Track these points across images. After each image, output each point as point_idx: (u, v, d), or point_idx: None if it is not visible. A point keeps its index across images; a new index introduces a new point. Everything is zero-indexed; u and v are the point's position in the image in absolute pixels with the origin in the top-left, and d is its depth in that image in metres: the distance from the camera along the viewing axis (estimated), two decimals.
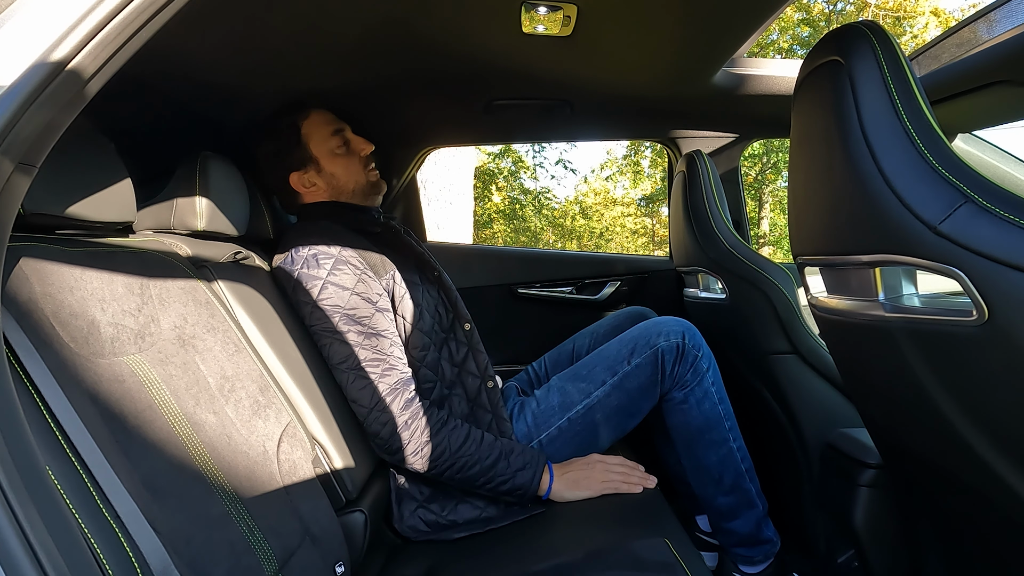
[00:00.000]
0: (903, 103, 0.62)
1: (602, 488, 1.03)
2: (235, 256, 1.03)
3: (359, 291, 1.02)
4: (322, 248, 1.04)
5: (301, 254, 1.05)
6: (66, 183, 0.67)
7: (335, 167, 1.18)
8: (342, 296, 1.01)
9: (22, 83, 0.51)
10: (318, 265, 1.03)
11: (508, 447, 1.03)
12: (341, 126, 1.20)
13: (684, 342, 1.11)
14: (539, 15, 1.02)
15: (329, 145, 1.17)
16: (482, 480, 1.00)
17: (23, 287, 0.59)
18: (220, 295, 0.92)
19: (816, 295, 0.87)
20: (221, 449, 0.70)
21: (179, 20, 0.57)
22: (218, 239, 1.02)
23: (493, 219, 11.85)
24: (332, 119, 1.20)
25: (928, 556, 0.95)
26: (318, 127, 1.17)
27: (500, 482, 1.00)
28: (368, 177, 1.21)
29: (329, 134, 1.17)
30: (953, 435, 0.66)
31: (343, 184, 1.18)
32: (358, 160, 1.20)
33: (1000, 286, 0.54)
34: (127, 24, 0.54)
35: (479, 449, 1.00)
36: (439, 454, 0.98)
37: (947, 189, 0.57)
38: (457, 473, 0.99)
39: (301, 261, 1.04)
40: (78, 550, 0.50)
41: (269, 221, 1.19)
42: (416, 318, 1.08)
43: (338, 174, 1.18)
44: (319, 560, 0.75)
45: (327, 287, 1.01)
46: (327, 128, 1.18)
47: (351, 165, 1.19)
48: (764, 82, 1.45)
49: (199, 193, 0.95)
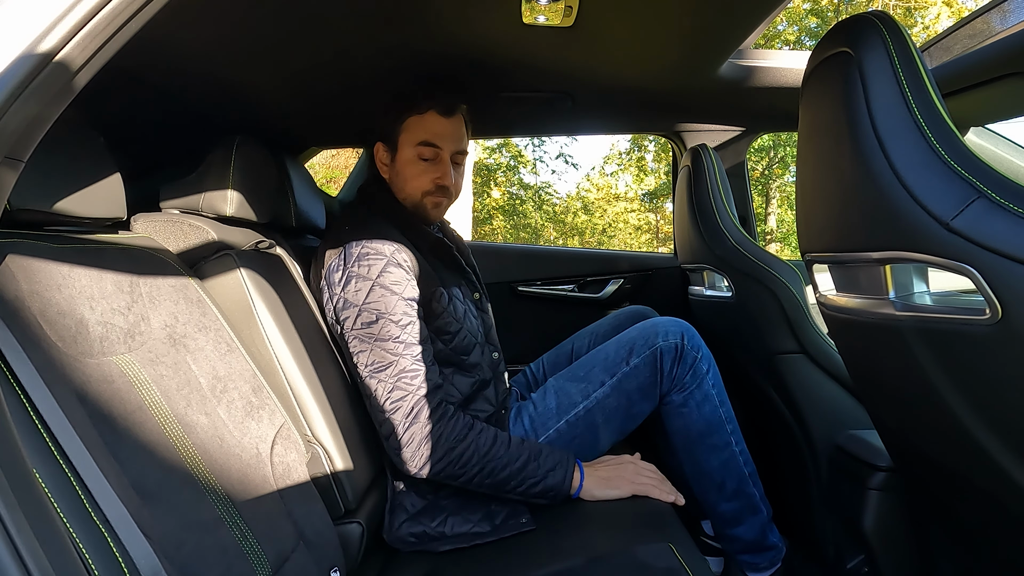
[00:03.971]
0: (914, 96, 0.60)
1: (632, 488, 1.00)
2: (257, 244, 1.03)
3: (408, 296, 1.00)
4: (376, 245, 1.01)
5: (353, 251, 1.01)
6: (54, 178, 0.66)
7: (405, 169, 1.13)
8: (390, 301, 0.98)
9: (8, 75, 0.50)
10: (369, 265, 0.99)
11: (536, 448, 1.00)
12: (439, 144, 1.12)
13: (683, 342, 1.10)
14: (540, 5, 1.00)
15: (413, 150, 1.13)
16: (513, 483, 0.97)
17: (9, 285, 0.58)
18: (243, 284, 0.92)
19: (825, 293, 0.86)
20: (213, 451, 0.68)
21: (169, 11, 0.56)
22: (243, 225, 1.03)
23: (492, 215, 11.83)
24: (440, 133, 1.12)
25: (940, 561, 0.94)
26: (419, 128, 1.12)
27: (531, 484, 0.98)
28: (424, 201, 1.14)
29: (418, 141, 1.12)
30: (965, 437, 0.64)
31: (400, 186, 1.14)
32: (429, 180, 1.12)
33: (1014, 284, 0.53)
34: (116, 15, 0.52)
35: (508, 452, 0.97)
36: (467, 459, 0.95)
37: (960, 184, 0.56)
38: (487, 478, 0.96)
39: (352, 259, 1.01)
40: (66, 555, 0.49)
41: (293, 210, 1.18)
42: (451, 334, 1.06)
43: (402, 176, 1.14)
44: (313, 565, 0.74)
45: (375, 289, 0.98)
46: (422, 135, 1.12)
47: (419, 180, 1.12)
48: (771, 74, 1.42)
49: (232, 179, 0.97)
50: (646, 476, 1.02)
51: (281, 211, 1.15)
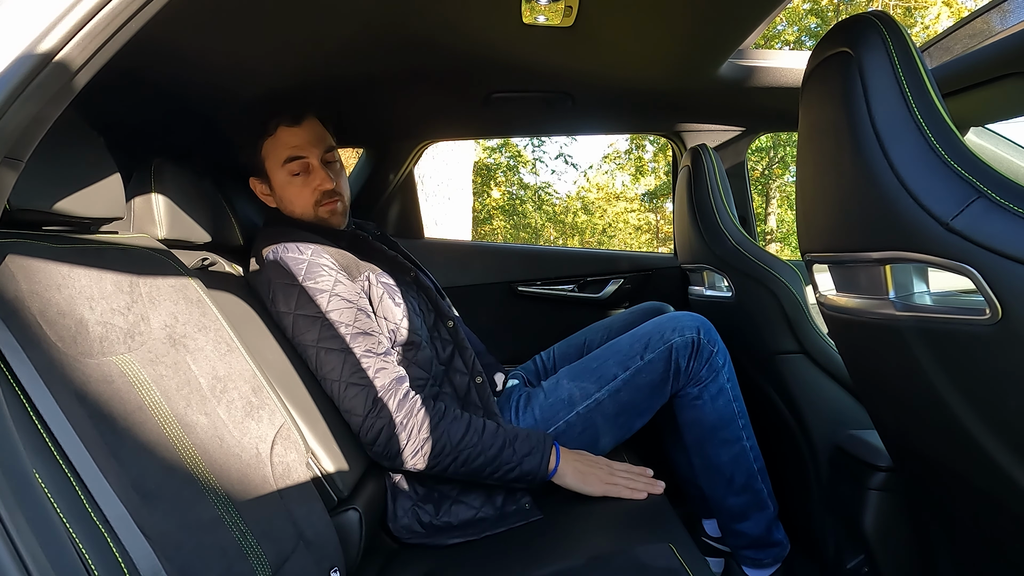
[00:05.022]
0: (914, 96, 0.60)
1: (604, 490, 1.00)
2: (202, 263, 1.01)
3: (337, 292, 1.00)
4: (292, 254, 1.02)
5: (272, 261, 1.03)
6: (53, 178, 0.66)
7: (285, 192, 1.14)
8: (320, 300, 0.99)
9: (8, 75, 0.50)
10: (291, 272, 1.00)
11: (512, 433, 1.00)
12: (303, 154, 1.12)
13: (699, 337, 1.09)
14: (540, 5, 1.00)
15: (281, 172, 1.12)
16: (488, 470, 0.98)
17: (9, 285, 0.58)
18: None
19: (825, 293, 0.86)
20: (213, 451, 0.68)
21: (169, 12, 0.56)
22: (183, 247, 1.00)
23: (492, 215, 11.82)
24: (299, 143, 1.12)
25: (940, 561, 0.94)
26: (277, 148, 1.12)
27: (507, 470, 0.98)
28: (319, 212, 1.14)
29: (282, 161, 1.12)
30: (965, 437, 0.64)
31: (290, 210, 1.15)
32: (311, 192, 1.12)
33: (1014, 284, 0.52)
34: (116, 15, 0.53)
35: (481, 439, 0.97)
36: (440, 450, 0.96)
37: (960, 184, 0.56)
38: (462, 467, 0.97)
39: (273, 269, 1.02)
40: (66, 555, 0.49)
41: (237, 227, 1.16)
42: (400, 318, 1.07)
43: (287, 200, 1.14)
44: (314, 565, 0.74)
45: (303, 293, 0.99)
46: (284, 152, 1.12)
47: (301, 196, 1.13)
48: (771, 74, 1.42)
49: (155, 200, 0.93)
50: (620, 477, 1.02)
51: (225, 230, 1.13)
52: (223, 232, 1.13)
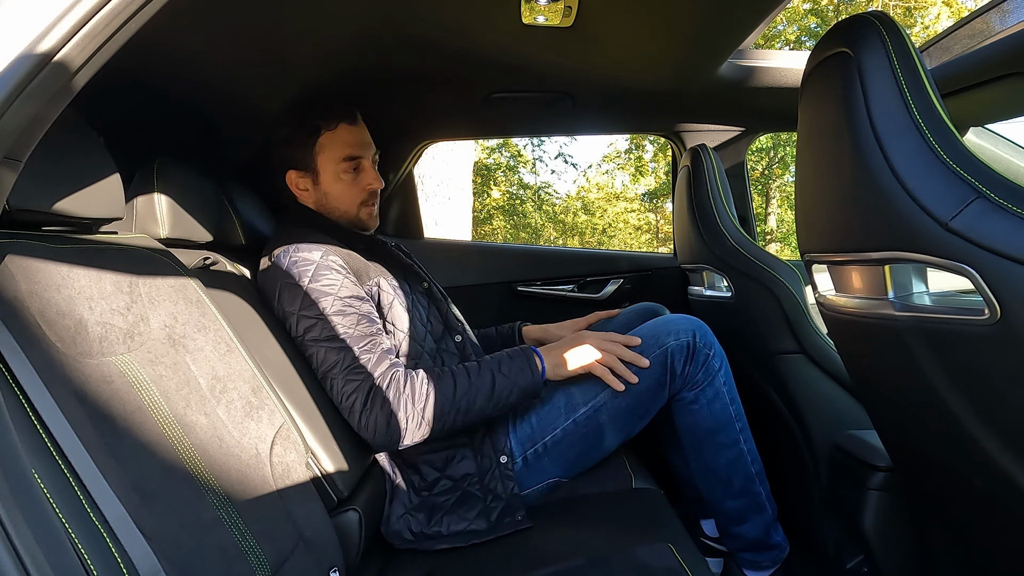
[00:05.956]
0: (913, 96, 0.60)
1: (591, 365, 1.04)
2: (204, 262, 1.01)
3: (342, 294, 1.01)
4: (303, 255, 1.03)
5: (282, 260, 1.04)
6: (53, 178, 0.66)
7: (333, 188, 1.15)
8: (325, 302, 1.00)
9: (7, 75, 0.50)
10: (299, 274, 1.01)
11: (495, 361, 1.02)
12: (360, 154, 1.15)
13: (695, 340, 1.09)
14: (539, 5, 1.00)
15: (336, 167, 1.14)
16: (491, 405, 0.99)
17: (8, 285, 0.58)
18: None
19: (824, 293, 0.86)
20: (212, 452, 0.68)
21: (169, 12, 0.56)
22: (185, 246, 1.00)
23: (492, 215, 11.82)
24: (357, 143, 1.15)
25: (939, 561, 0.94)
26: (336, 144, 1.14)
27: (507, 395, 1.00)
28: (360, 213, 1.17)
29: (341, 157, 1.14)
30: (964, 437, 0.64)
31: (333, 206, 1.16)
32: (359, 192, 1.16)
33: (1013, 284, 0.52)
34: (115, 15, 0.53)
35: (472, 383, 0.99)
36: (440, 411, 0.97)
37: (959, 184, 0.56)
38: (466, 414, 0.98)
39: (282, 270, 1.03)
40: (65, 555, 0.49)
41: (239, 227, 1.17)
42: (406, 326, 1.07)
43: (332, 196, 1.16)
44: (313, 565, 0.74)
45: (308, 295, 1.00)
46: (343, 150, 1.14)
47: (349, 193, 1.16)
48: (771, 74, 1.42)
49: (158, 199, 0.94)
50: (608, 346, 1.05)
51: (226, 229, 1.14)
52: (225, 232, 1.13)
